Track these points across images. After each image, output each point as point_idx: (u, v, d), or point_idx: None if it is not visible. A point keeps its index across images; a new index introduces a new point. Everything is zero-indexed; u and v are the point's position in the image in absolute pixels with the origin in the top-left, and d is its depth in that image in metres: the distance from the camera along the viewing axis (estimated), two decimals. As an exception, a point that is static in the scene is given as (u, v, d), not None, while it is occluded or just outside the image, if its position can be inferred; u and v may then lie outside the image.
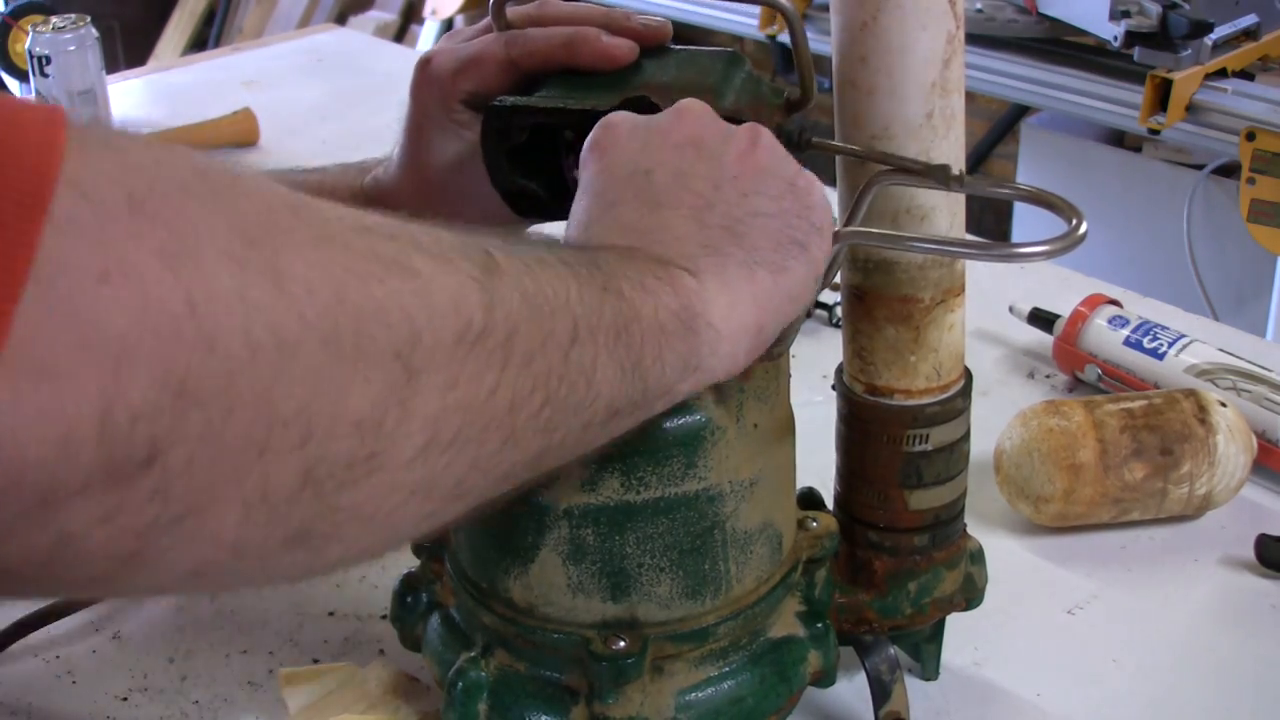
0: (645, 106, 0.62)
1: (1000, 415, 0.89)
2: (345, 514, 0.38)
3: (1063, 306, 1.04)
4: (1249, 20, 1.87)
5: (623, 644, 0.60)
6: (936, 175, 0.59)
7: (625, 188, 0.53)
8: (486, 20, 0.70)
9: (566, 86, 0.65)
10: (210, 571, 0.37)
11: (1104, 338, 1.01)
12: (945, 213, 0.63)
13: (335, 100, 1.64)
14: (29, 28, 1.47)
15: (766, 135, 0.55)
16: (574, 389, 0.44)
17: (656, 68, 0.65)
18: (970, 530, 0.71)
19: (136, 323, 0.32)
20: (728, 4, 2.18)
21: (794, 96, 0.64)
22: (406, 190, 0.73)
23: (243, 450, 0.34)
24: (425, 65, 0.70)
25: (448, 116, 0.70)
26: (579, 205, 0.54)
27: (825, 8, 0.61)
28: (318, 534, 0.38)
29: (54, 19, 1.46)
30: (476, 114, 0.67)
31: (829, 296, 1.10)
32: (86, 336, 0.31)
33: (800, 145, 0.63)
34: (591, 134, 0.55)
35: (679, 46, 0.67)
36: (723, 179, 0.52)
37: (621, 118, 0.56)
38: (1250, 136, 1.72)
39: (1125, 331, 1.00)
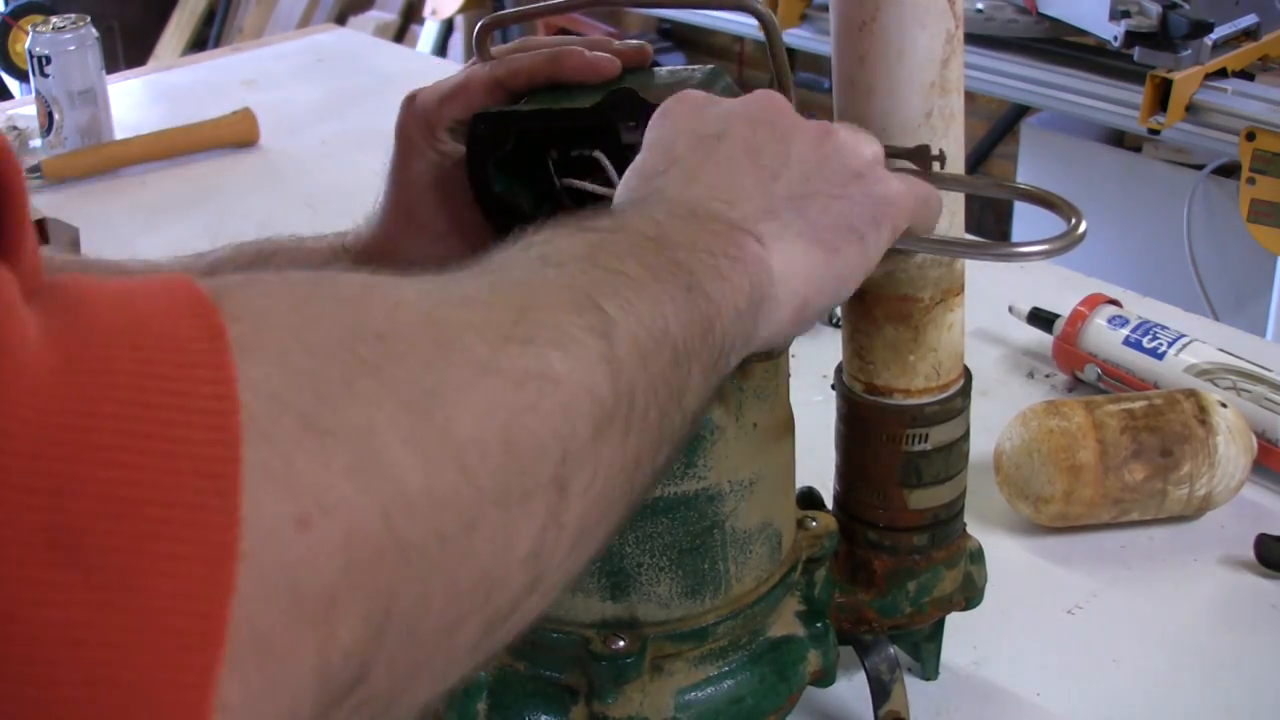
0: (634, 100, 0.62)
1: (1000, 415, 0.89)
2: (506, 637, 0.38)
3: (1062, 306, 1.04)
4: (1249, 20, 1.87)
5: (622, 643, 0.60)
6: (916, 156, 0.60)
7: (694, 145, 0.53)
8: (472, 61, 0.70)
9: (552, 95, 0.66)
10: None
11: (1104, 337, 1.01)
12: (945, 212, 0.63)
13: (335, 100, 1.65)
14: (29, 28, 1.48)
15: (840, 131, 0.55)
16: (671, 416, 0.44)
17: (639, 80, 0.66)
18: (970, 530, 0.71)
19: (341, 562, 0.31)
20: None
21: None
22: (390, 232, 0.72)
23: (435, 636, 0.34)
24: (410, 101, 0.70)
25: (433, 146, 0.69)
26: (639, 160, 0.54)
27: (825, 7, 0.61)
28: (484, 663, 0.39)
29: (54, 19, 1.46)
30: (462, 144, 0.67)
31: (829, 296, 1.10)
32: (298, 597, 0.30)
33: None
34: (663, 103, 0.56)
35: (661, 68, 0.68)
36: (790, 158, 0.53)
37: (696, 92, 0.56)
38: (1250, 136, 1.72)
39: (1125, 331, 1.00)
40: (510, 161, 0.65)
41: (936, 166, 0.60)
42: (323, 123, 1.57)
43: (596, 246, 0.45)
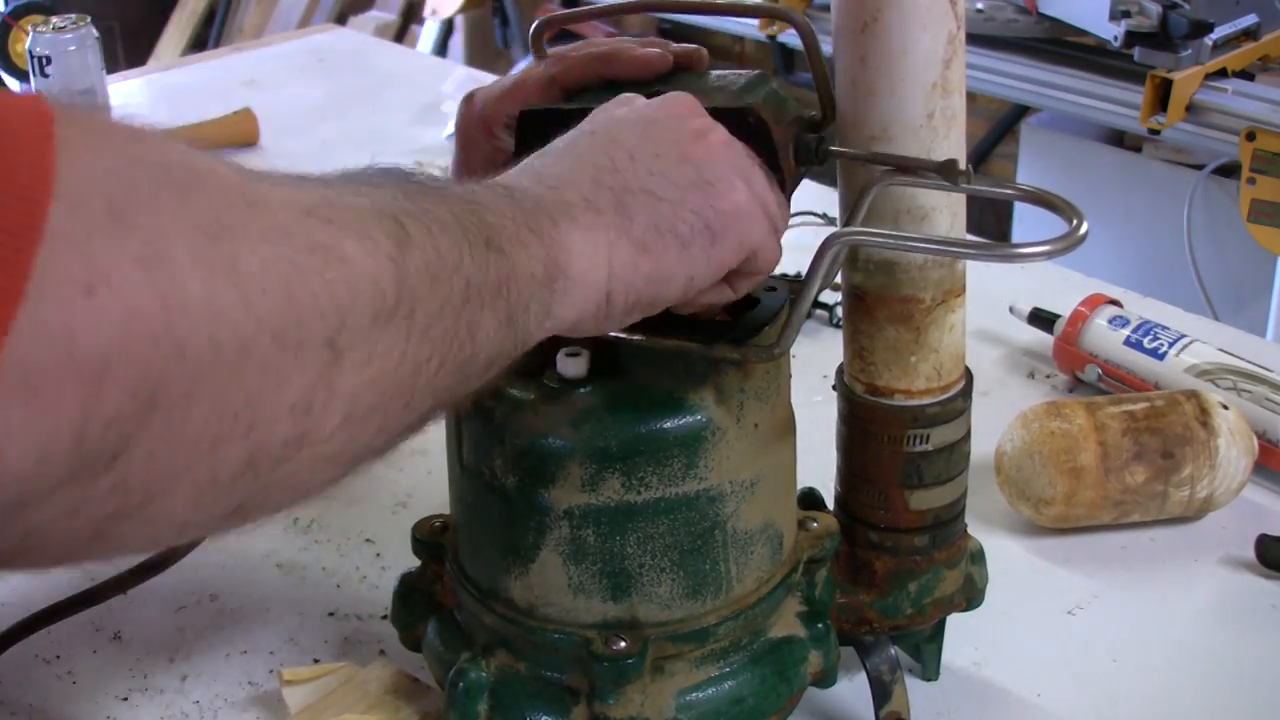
0: None
1: (1000, 415, 0.89)
2: (275, 488, 0.42)
3: (1063, 306, 1.04)
4: (1249, 20, 1.87)
5: (623, 644, 0.60)
6: (945, 172, 0.59)
7: (574, 138, 0.56)
8: (530, 60, 0.71)
9: (599, 94, 0.65)
10: (159, 543, 0.41)
11: (1104, 338, 1.01)
12: (946, 213, 0.63)
13: (335, 100, 1.64)
14: (29, 28, 1.47)
15: (720, 134, 0.57)
16: (462, 347, 0.47)
17: (687, 82, 0.65)
18: (971, 530, 0.71)
19: (119, 334, 0.34)
20: (730, 4, 2.18)
21: (817, 118, 0.64)
22: None
23: (197, 444, 0.37)
24: (469, 100, 0.72)
25: (490, 143, 0.72)
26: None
27: (826, 7, 0.61)
28: (252, 506, 0.42)
29: (54, 19, 1.46)
30: None
31: (829, 296, 1.10)
32: (73, 352, 0.34)
33: (819, 158, 0.62)
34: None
35: (713, 72, 0.67)
36: (641, 153, 0.55)
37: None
38: (1250, 136, 1.72)
39: (1125, 331, 1.00)
40: None
41: (964, 180, 0.60)
42: (323, 123, 1.57)
43: (413, 191, 0.48)
